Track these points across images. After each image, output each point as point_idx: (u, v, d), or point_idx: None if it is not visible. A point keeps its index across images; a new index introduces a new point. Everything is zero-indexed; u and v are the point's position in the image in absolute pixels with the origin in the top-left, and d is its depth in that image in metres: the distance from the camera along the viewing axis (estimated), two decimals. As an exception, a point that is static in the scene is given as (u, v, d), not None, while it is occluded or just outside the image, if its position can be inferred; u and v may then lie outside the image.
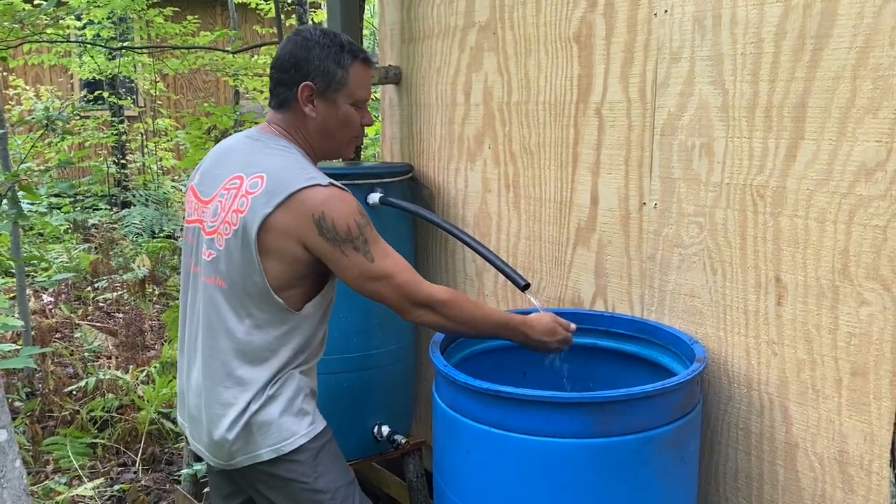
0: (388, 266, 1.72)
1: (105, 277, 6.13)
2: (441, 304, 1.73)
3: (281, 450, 1.74)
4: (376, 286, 1.72)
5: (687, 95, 1.86)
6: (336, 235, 1.66)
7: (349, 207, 1.68)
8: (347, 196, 1.70)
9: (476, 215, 2.58)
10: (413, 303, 1.72)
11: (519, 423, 1.59)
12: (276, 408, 1.74)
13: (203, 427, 1.79)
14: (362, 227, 1.69)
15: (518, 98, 2.36)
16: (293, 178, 1.67)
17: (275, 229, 1.66)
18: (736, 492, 1.88)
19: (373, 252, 1.70)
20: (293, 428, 1.75)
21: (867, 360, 1.58)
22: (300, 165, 1.72)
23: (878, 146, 1.52)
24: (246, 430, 1.73)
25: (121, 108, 9.51)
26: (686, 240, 1.91)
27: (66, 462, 3.29)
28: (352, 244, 1.68)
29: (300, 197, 1.65)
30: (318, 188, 1.67)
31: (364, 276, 1.71)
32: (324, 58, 1.73)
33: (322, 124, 1.78)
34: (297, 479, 1.76)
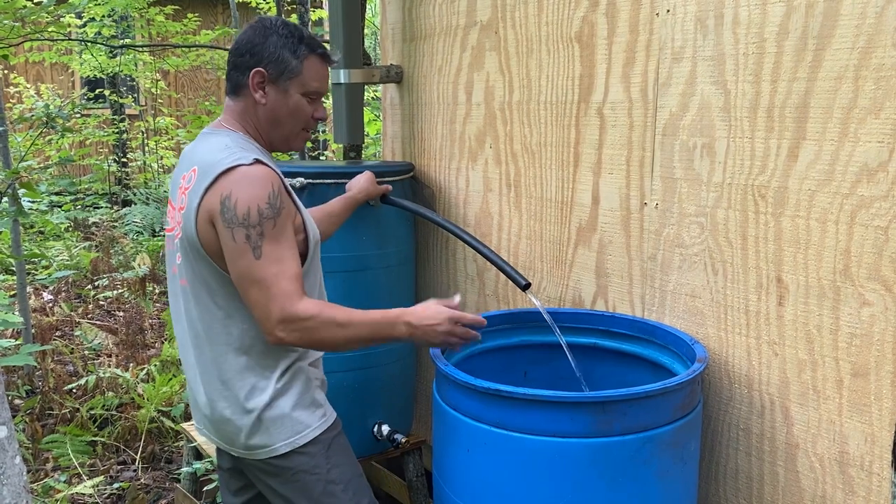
0: (269, 271, 1.57)
1: (105, 275, 6.13)
2: (305, 320, 1.57)
3: (296, 443, 1.74)
4: (251, 292, 1.59)
5: (689, 95, 1.86)
6: (234, 216, 1.57)
7: (259, 191, 1.58)
8: (267, 179, 1.60)
9: (477, 214, 2.58)
10: (279, 320, 1.57)
11: (519, 422, 1.59)
12: (288, 401, 1.74)
13: (217, 423, 1.79)
14: (265, 216, 1.58)
15: (519, 97, 2.36)
16: (218, 162, 1.63)
17: (201, 217, 1.63)
18: (736, 492, 1.88)
19: (264, 249, 1.58)
20: (306, 420, 1.75)
21: (868, 360, 1.58)
22: (231, 148, 1.65)
23: (879, 147, 1.51)
24: (259, 426, 1.73)
25: (122, 107, 9.51)
26: (687, 240, 1.91)
27: (65, 460, 3.29)
28: (244, 230, 1.57)
29: (220, 180, 1.60)
30: (239, 168, 1.60)
31: (244, 274, 1.59)
32: (280, 46, 1.69)
33: (271, 111, 1.73)
34: (311, 470, 1.76)
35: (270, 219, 1.58)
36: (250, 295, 1.60)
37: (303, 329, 1.59)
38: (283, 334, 1.59)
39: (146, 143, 9.78)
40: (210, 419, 1.80)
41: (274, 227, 1.59)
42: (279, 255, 1.59)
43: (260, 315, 1.60)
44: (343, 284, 2.39)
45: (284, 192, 1.65)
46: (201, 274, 1.69)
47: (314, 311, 1.59)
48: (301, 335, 1.60)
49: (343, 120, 2.82)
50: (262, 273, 1.58)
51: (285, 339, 1.60)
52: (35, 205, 7.50)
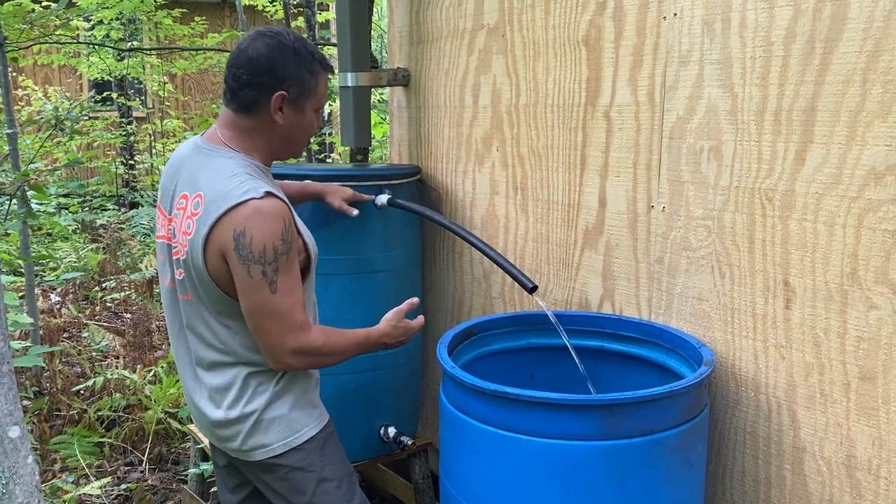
0: (284, 304, 1.64)
1: (113, 277, 6.15)
2: (316, 350, 1.70)
3: (291, 443, 1.78)
4: (266, 323, 1.65)
5: (696, 99, 1.86)
6: (249, 254, 1.60)
7: (273, 227, 1.61)
8: (279, 214, 1.63)
9: (484, 217, 2.59)
10: (293, 351, 1.67)
11: (526, 424, 1.59)
12: (287, 403, 1.78)
13: (215, 426, 1.81)
14: (279, 253, 1.62)
15: (526, 100, 2.36)
16: (228, 193, 1.62)
17: (210, 248, 1.64)
18: (743, 495, 1.88)
19: (279, 283, 1.63)
20: (303, 420, 1.80)
21: (876, 364, 1.58)
22: (239, 178, 1.64)
23: (887, 150, 1.51)
24: (256, 428, 1.76)
25: (129, 109, 9.55)
26: (694, 243, 1.91)
27: (73, 461, 3.30)
28: (261, 267, 1.61)
29: (232, 214, 1.61)
30: (250, 203, 1.61)
31: (259, 306, 1.64)
32: (300, 66, 1.69)
33: (288, 130, 1.74)
34: (306, 467, 1.79)
35: (284, 254, 1.63)
36: (263, 325, 1.66)
37: (313, 356, 1.72)
38: (293, 361, 1.70)
39: (153, 145, 9.81)
40: (209, 422, 1.82)
41: (287, 260, 1.64)
42: (291, 286, 1.66)
43: (271, 343, 1.67)
44: (350, 286, 2.40)
45: (293, 223, 1.69)
46: (208, 296, 1.71)
47: (322, 341, 1.71)
48: (309, 362, 1.74)
49: (350, 123, 2.83)
50: (279, 306, 1.64)
51: (294, 365, 1.72)
52: (43, 206, 7.53)
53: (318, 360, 1.75)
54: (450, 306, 2.79)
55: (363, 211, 2.39)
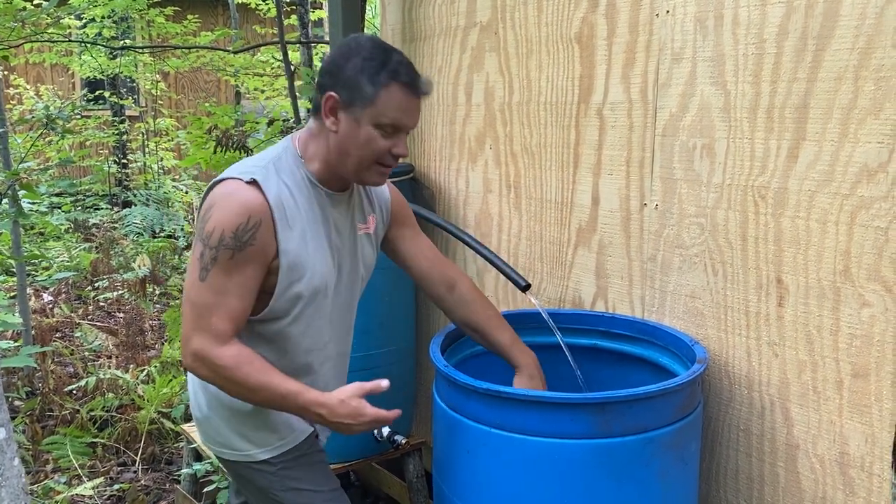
0: (207, 299, 1.50)
1: (105, 277, 6.13)
2: (218, 367, 1.51)
3: (241, 457, 1.71)
4: (185, 308, 1.54)
5: (688, 96, 1.86)
6: (202, 228, 1.51)
7: (231, 216, 1.49)
8: (247, 209, 1.50)
9: (477, 216, 2.58)
10: (194, 352, 1.52)
11: (519, 423, 1.59)
12: (233, 416, 1.68)
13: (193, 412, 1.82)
14: (223, 244, 1.48)
15: (519, 98, 2.36)
16: (232, 168, 1.57)
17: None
18: (737, 493, 1.88)
19: (211, 275, 1.50)
20: (253, 439, 1.69)
21: (868, 361, 1.58)
22: (254, 159, 1.59)
23: (879, 147, 1.51)
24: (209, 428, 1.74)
25: (122, 108, 9.51)
26: (687, 240, 1.91)
27: (65, 461, 3.29)
28: (202, 246, 1.51)
29: (217, 187, 1.55)
30: (234, 182, 1.53)
31: (186, 287, 1.55)
32: (358, 70, 1.52)
33: (341, 140, 1.57)
34: (264, 488, 1.72)
35: (229, 249, 1.49)
36: (184, 310, 1.55)
37: (214, 372, 1.53)
38: (195, 365, 1.54)
39: (146, 144, 9.78)
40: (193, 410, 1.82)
41: (231, 258, 1.49)
42: (224, 288, 1.50)
43: (182, 333, 1.55)
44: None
45: (264, 228, 1.51)
46: None
47: (230, 363, 1.51)
48: (210, 375, 1.54)
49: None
50: (200, 297, 1.51)
51: (195, 370, 1.55)
52: (35, 206, 7.50)
53: (219, 380, 1.54)
54: (443, 305, 2.78)
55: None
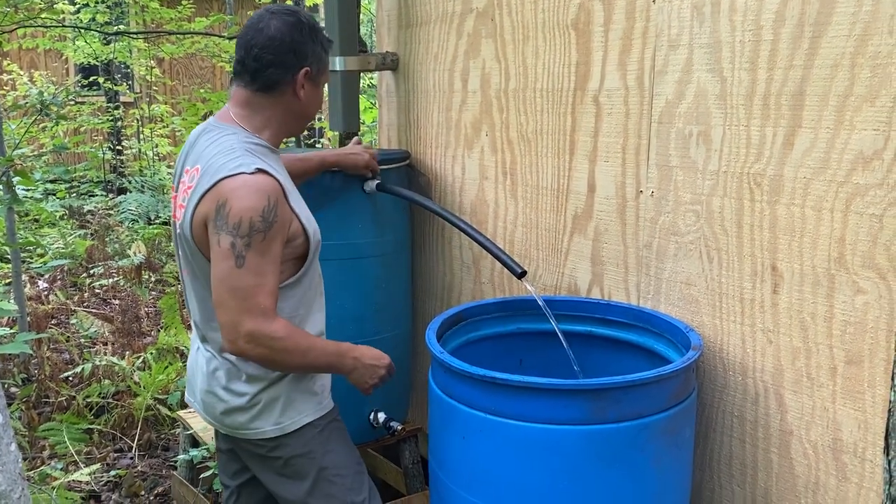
0: (248, 282, 1.57)
1: (101, 264, 6.12)
2: (275, 340, 1.60)
3: (285, 428, 1.76)
4: (224, 297, 1.59)
5: (685, 83, 1.86)
6: (224, 223, 1.57)
7: (254, 202, 1.57)
8: (264, 191, 1.59)
9: (473, 203, 2.58)
10: (248, 333, 1.59)
11: (515, 409, 1.59)
12: (282, 388, 1.75)
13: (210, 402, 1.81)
14: (255, 229, 1.57)
15: (516, 85, 2.35)
16: (221, 167, 1.62)
17: (197, 218, 1.64)
18: (730, 479, 1.89)
19: (248, 260, 1.57)
20: (299, 407, 1.78)
21: (862, 348, 1.59)
22: (236, 152, 1.64)
23: (875, 134, 1.51)
24: (252, 409, 1.75)
25: (116, 94, 9.46)
26: (683, 228, 1.91)
27: (62, 448, 3.30)
28: (231, 238, 1.57)
29: (219, 186, 1.60)
30: (240, 176, 1.59)
31: (222, 278, 1.59)
32: (317, 42, 1.73)
33: (305, 107, 1.76)
34: (306, 454, 1.78)
35: (260, 232, 1.58)
36: (222, 298, 1.60)
37: (270, 348, 1.61)
38: (248, 347, 1.61)
39: (141, 130, 9.74)
40: (203, 400, 1.83)
41: (263, 240, 1.58)
42: (262, 268, 1.59)
43: (227, 320, 1.60)
44: (338, 272, 2.39)
45: (282, 203, 1.63)
46: (201, 271, 1.72)
47: (284, 333, 1.62)
48: (265, 352, 1.62)
49: (339, 107, 2.81)
50: (241, 283, 1.58)
51: (247, 351, 1.62)
52: (30, 192, 7.47)
53: (274, 355, 1.63)
54: (439, 292, 2.78)
55: (352, 196, 2.38)
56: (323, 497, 1.79)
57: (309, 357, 1.69)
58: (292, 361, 1.68)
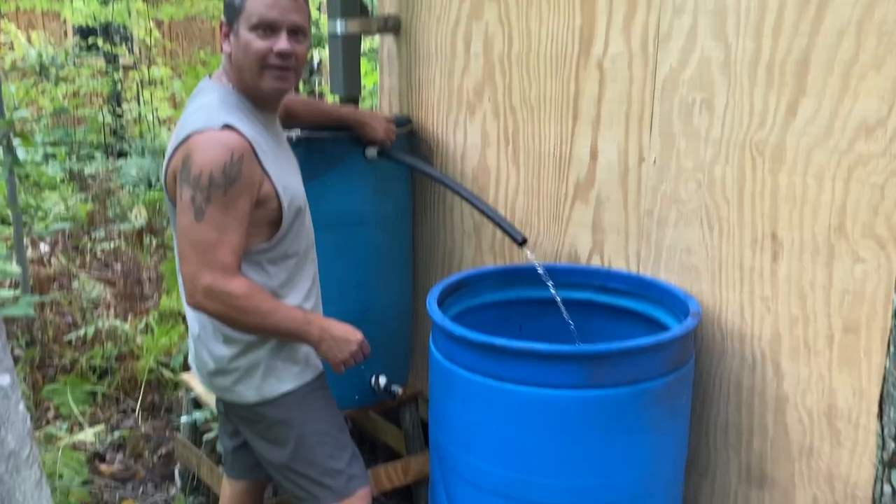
0: (208, 237, 1.57)
1: (102, 227, 6.12)
2: (232, 298, 1.59)
3: (265, 394, 1.78)
4: (185, 250, 1.60)
5: (689, 50, 1.84)
6: (187, 176, 1.57)
7: (216, 157, 1.56)
8: (228, 146, 1.58)
9: (475, 169, 2.57)
10: (205, 288, 1.59)
11: (514, 374, 1.61)
12: (262, 354, 1.76)
13: (198, 364, 1.85)
14: (214, 184, 1.56)
15: (519, 49, 2.33)
16: (192, 124, 1.62)
17: (169, 173, 1.66)
18: (726, 444, 1.92)
19: (207, 214, 1.56)
20: (279, 374, 1.78)
21: (860, 316, 1.60)
22: (210, 108, 1.64)
23: (879, 103, 1.51)
24: (232, 373, 1.77)
25: (115, 57, 9.36)
26: (684, 196, 1.91)
27: (66, 409, 3.33)
28: (191, 191, 1.56)
29: (188, 140, 1.60)
30: (208, 131, 1.59)
31: (184, 231, 1.60)
32: None
33: (235, 59, 1.68)
34: (286, 421, 1.79)
35: (220, 187, 1.56)
36: (183, 251, 1.61)
37: (227, 304, 1.61)
38: (206, 301, 1.61)
39: (141, 93, 9.66)
40: (194, 359, 1.86)
41: (224, 195, 1.57)
42: (224, 224, 1.58)
43: (186, 272, 1.61)
44: (337, 240, 2.39)
45: (249, 162, 1.61)
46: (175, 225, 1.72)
47: (243, 292, 1.60)
48: (222, 308, 1.62)
49: (339, 72, 2.79)
50: (200, 236, 1.58)
51: (206, 307, 1.62)
52: (30, 156, 7.44)
53: (231, 312, 1.62)
54: (440, 259, 2.79)
55: (353, 163, 2.38)
56: (303, 463, 1.81)
57: (270, 320, 1.65)
58: (251, 321, 1.65)
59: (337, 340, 1.74)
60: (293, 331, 1.71)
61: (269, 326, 1.67)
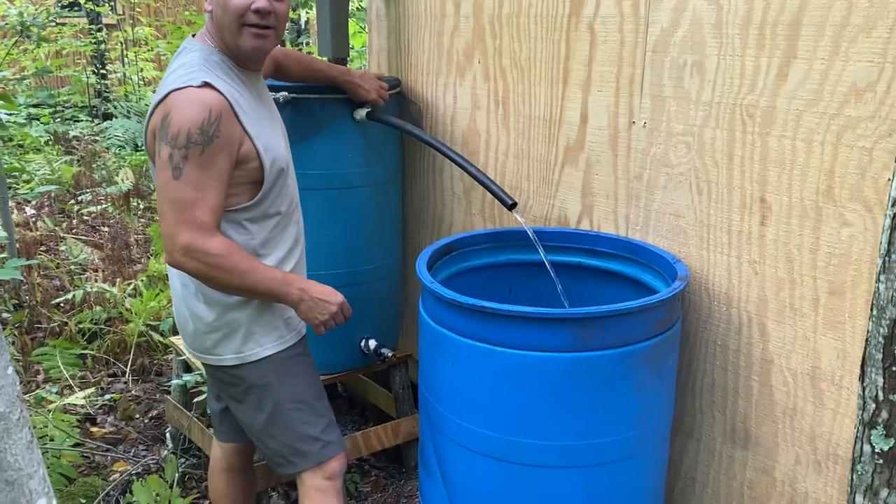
0: (186, 195, 1.57)
1: (88, 190, 6.07)
2: (210, 256, 1.60)
3: (245, 358, 1.79)
4: (163, 208, 1.60)
5: (681, 10, 1.83)
6: (164, 134, 1.57)
7: (194, 114, 1.56)
8: (206, 104, 1.57)
9: (465, 132, 2.56)
10: (183, 246, 1.59)
11: (503, 337, 1.62)
12: (242, 317, 1.76)
13: (181, 325, 1.86)
14: (192, 141, 1.56)
15: (509, 10, 2.30)
16: (172, 82, 1.62)
17: (149, 132, 1.65)
18: (711, 405, 1.95)
19: (185, 172, 1.56)
20: (258, 339, 1.78)
21: (845, 279, 1.62)
22: (191, 66, 1.64)
23: (870, 66, 1.50)
24: (212, 334, 1.78)
25: (98, 16, 9.18)
26: (674, 159, 1.91)
27: (56, 372, 3.34)
28: (169, 149, 1.56)
29: (168, 98, 1.60)
30: (187, 89, 1.59)
31: (161, 189, 1.60)
32: None
33: (216, 17, 1.67)
34: (264, 385, 1.80)
35: (198, 145, 1.56)
36: (162, 209, 1.61)
37: (205, 263, 1.61)
38: (184, 260, 1.61)
39: (125, 54, 9.50)
40: (177, 320, 1.86)
41: (202, 153, 1.57)
42: (202, 182, 1.58)
43: (165, 231, 1.61)
44: (328, 202, 2.39)
45: (228, 121, 1.60)
46: None
47: (221, 251, 1.60)
48: (200, 267, 1.62)
49: (327, 32, 2.75)
50: (178, 194, 1.58)
51: (184, 265, 1.62)
52: (13, 117, 7.33)
53: (209, 270, 1.61)
54: (430, 222, 2.79)
55: (342, 125, 2.36)
56: (280, 428, 1.82)
57: (248, 279, 1.65)
58: (230, 281, 1.64)
59: (317, 301, 1.73)
60: (272, 290, 1.70)
61: (247, 286, 1.66)
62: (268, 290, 1.69)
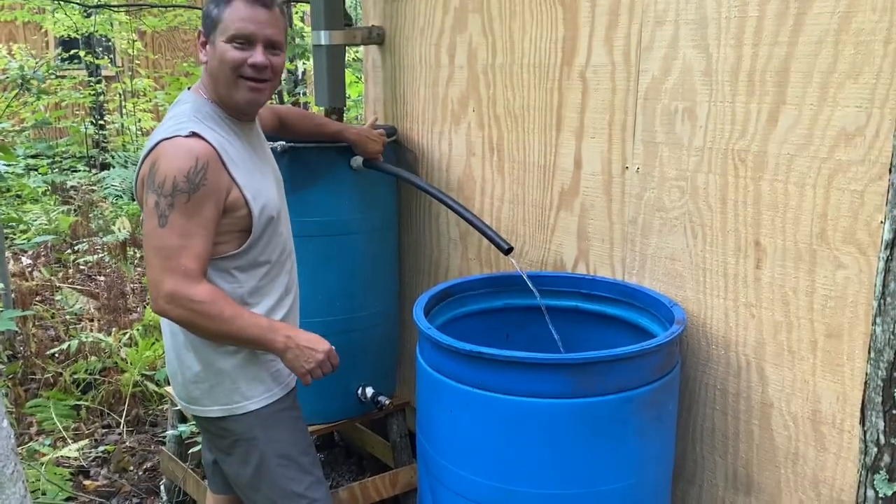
0: (171, 242, 1.58)
1: (85, 240, 6.07)
2: (196, 304, 1.59)
3: (231, 411, 1.76)
4: (149, 255, 1.61)
5: (671, 59, 1.86)
6: (152, 182, 1.59)
7: (181, 163, 1.57)
8: (193, 153, 1.59)
9: (460, 179, 2.58)
10: (168, 293, 1.59)
11: (501, 383, 1.61)
12: (228, 367, 1.74)
13: (172, 376, 1.84)
14: (178, 189, 1.57)
15: (503, 60, 2.34)
16: (162, 132, 1.64)
17: (139, 182, 1.67)
18: (712, 450, 1.93)
19: (171, 220, 1.57)
20: (245, 392, 1.76)
21: (842, 322, 1.62)
22: (182, 117, 1.66)
23: (857, 111, 1.53)
24: (198, 386, 1.76)
25: (98, 68, 9.32)
26: (668, 203, 1.93)
27: (49, 424, 3.30)
28: (155, 197, 1.58)
29: (157, 148, 1.62)
30: (175, 139, 1.61)
31: (146, 236, 1.61)
32: (208, 2, 1.70)
33: (211, 69, 1.69)
34: (250, 440, 1.78)
35: (184, 193, 1.57)
36: (147, 257, 1.62)
37: (189, 310, 1.60)
38: (168, 307, 1.61)
39: (124, 105, 9.61)
40: (168, 369, 1.85)
41: (187, 201, 1.58)
42: (187, 230, 1.59)
43: (150, 278, 1.62)
44: (324, 249, 2.39)
45: (215, 169, 1.61)
46: None
47: (205, 297, 1.60)
48: (184, 314, 1.61)
49: (324, 82, 2.79)
50: (164, 242, 1.59)
51: (168, 312, 1.62)
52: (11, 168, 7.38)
53: (194, 317, 1.61)
54: (426, 268, 2.80)
55: (338, 173, 2.38)
56: (265, 483, 1.79)
57: (234, 326, 1.63)
58: (215, 328, 1.63)
59: (303, 349, 1.70)
60: (257, 337, 1.68)
61: (233, 333, 1.65)
62: (253, 337, 1.67)
